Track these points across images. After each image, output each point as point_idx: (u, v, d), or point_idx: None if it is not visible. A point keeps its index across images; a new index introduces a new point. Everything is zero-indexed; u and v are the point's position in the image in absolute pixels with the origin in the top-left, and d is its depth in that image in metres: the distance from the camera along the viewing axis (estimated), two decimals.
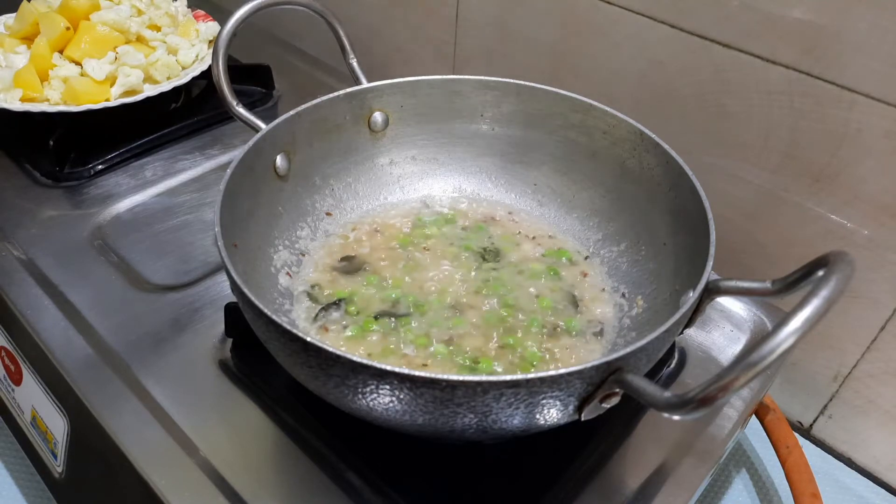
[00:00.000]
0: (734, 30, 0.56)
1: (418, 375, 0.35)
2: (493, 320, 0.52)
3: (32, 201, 0.66)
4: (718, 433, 0.49)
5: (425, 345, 0.50)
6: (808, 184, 0.57)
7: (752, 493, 0.59)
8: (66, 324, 0.53)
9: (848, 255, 0.35)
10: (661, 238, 0.54)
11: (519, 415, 0.37)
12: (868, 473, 0.62)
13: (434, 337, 0.50)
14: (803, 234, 0.59)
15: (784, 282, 0.41)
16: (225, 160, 0.71)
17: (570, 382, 0.36)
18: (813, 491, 0.52)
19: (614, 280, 0.57)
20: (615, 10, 0.63)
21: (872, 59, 0.50)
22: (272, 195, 0.55)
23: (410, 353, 0.49)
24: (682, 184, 0.51)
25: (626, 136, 0.56)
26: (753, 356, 0.31)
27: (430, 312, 0.52)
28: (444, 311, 0.53)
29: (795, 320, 0.31)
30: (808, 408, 0.64)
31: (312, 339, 0.36)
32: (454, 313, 0.53)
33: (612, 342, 0.52)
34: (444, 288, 0.55)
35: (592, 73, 0.68)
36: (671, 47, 0.60)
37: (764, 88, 0.56)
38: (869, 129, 0.52)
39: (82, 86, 0.70)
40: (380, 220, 0.61)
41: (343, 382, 0.37)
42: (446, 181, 0.65)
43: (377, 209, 0.62)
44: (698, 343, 0.56)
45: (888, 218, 0.54)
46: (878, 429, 0.61)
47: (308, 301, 0.54)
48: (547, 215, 0.62)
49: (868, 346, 0.58)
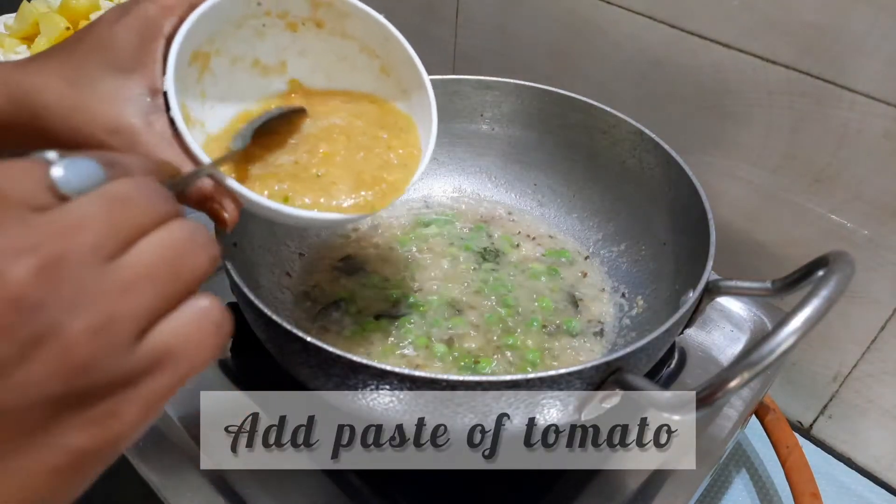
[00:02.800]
0: (734, 30, 0.56)
1: (418, 375, 0.35)
2: (493, 320, 0.52)
3: None
4: (718, 433, 0.49)
5: (425, 345, 0.50)
6: (808, 184, 0.57)
7: (752, 493, 0.59)
8: None
9: (848, 255, 0.35)
10: (661, 238, 0.54)
11: (519, 415, 0.37)
12: (868, 473, 0.62)
13: (434, 337, 0.50)
14: (803, 234, 0.59)
15: (784, 282, 0.41)
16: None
17: (570, 382, 0.36)
18: (813, 491, 0.52)
19: (614, 280, 0.57)
20: (615, 10, 0.63)
21: (872, 59, 0.50)
22: None
23: (410, 353, 0.49)
24: (682, 183, 0.51)
25: (626, 135, 0.56)
26: (753, 356, 0.31)
27: (430, 312, 0.52)
28: (444, 310, 0.53)
29: (795, 320, 0.31)
30: (808, 408, 0.64)
31: (312, 340, 0.36)
32: (454, 313, 0.52)
33: (612, 342, 0.52)
34: (444, 288, 0.55)
35: (592, 73, 0.68)
36: (671, 47, 0.60)
37: (764, 88, 0.56)
38: (869, 129, 0.52)
39: None
40: (380, 220, 0.61)
41: (343, 382, 0.37)
42: (446, 181, 0.65)
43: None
44: (698, 343, 0.56)
45: (888, 218, 0.54)
46: (878, 428, 0.61)
47: (308, 301, 0.54)
48: (547, 215, 0.62)
49: (868, 346, 0.58)
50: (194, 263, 0.22)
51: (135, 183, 0.22)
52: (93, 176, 0.21)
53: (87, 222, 0.20)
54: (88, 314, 0.19)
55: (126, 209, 0.21)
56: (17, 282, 0.18)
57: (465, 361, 0.49)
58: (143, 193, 0.22)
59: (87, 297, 0.19)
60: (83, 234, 0.20)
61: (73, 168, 0.21)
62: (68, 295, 0.19)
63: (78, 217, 0.20)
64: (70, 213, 0.20)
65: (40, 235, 0.19)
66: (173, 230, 0.22)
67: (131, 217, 0.21)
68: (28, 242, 0.19)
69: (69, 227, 0.20)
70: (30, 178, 0.20)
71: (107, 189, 0.21)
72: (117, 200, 0.21)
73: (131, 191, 0.22)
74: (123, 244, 0.21)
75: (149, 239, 0.21)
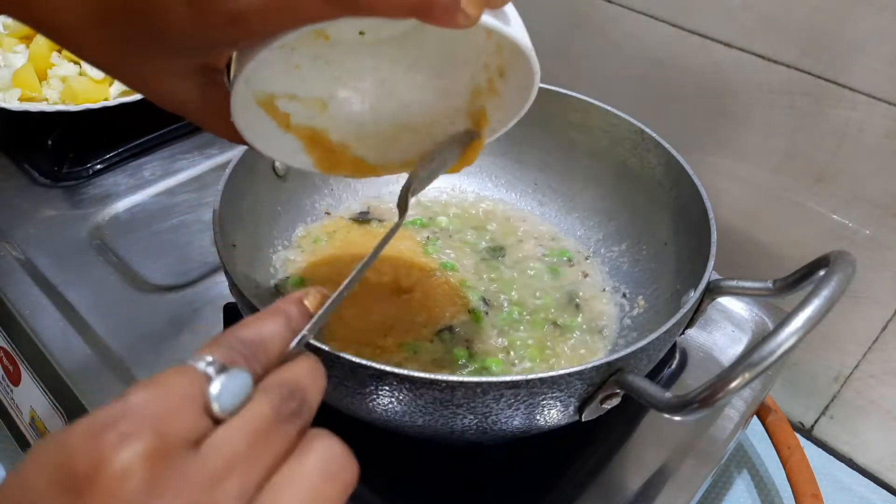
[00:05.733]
0: (735, 29, 0.56)
1: (418, 376, 0.35)
2: (494, 320, 0.52)
3: (31, 201, 0.66)
4: (720, 434, 0.49)
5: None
6: (810, 183, 0.57)
7: (753, 494, 0.59)
8: (64, 324, 0.53)
9: (849, 254, 0.35)
10: (662, 238, 0.54)
11: (519, 416, 0.37)
12: (869, 474, 0.62)
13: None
14: (804, 234, 0.59)
15: (785, 282, 0.41)
16: (224, 160, 0.71)
17: (570, 383, 0.36)
18: (814, 491, 0.51)
19: (615, 280, 0.56)
20: (616, 9, 0.63)
21: (873, 58, 0.50)
22: (271, 195, 0.55)
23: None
24: (683, 183, 0.50)
25: (626, 135, 0.56)
26: (755, 356, 0.31)
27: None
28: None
29: (797, 320, 0.31)
30: (809, 408, 0.64)
31: (312, 340, 0.36)
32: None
33: (613, 342, 0.52)
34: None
35: (592, 73, 0.68)
36: (672, 46, 0.60)
37: (765, 88, 0.56)
38: (870, 129, 0.52)
39: (81, 85, 0.70)
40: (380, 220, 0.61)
41: (343, 383, 0.37)
42: (446, 181, 0.65)
43: (377, 209, 0.62)
44: (699, 343, 0.56)
45: (889, 217, 0.53)
46: (880, 429, 0.61)
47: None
48: (547, 215, 0.62)
49: (869, 346, 0.58)
50: (336, 493, 0.22)
51: (277, 397, 0.22)
52: (245, 388, 0.22)
53: (235, 464, 0.20)
54: None
55: (270, 436, 0.21)
56: None
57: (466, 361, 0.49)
58: (290, 408, 0.22)
59: None
60: (232, 482, 0.20)
61: (230, 385, 0.21)
62: None
63: (228, 458, 0.20)
64: (220, 452, 0.20)
65: (194, 491, 0.19)
66: (308, 461, 0.22)
67: (275, 445, 0.21)
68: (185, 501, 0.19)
69: (220, 473, 0.20)
70: (191, 409, 0.20)
71: (249, 415, 0.21)
72: (260, 428, 0.21)
73: (274, 409, 0.22)
74: (263, 479, 0.21)
75: (286, 473, 0.21)
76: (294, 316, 0.26)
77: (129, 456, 0.19)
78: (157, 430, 0.19)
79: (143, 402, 0.20)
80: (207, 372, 0.21)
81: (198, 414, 0.21)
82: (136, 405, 0.20)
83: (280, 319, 0.25)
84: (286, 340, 0.25)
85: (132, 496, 0.18)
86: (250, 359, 0.23)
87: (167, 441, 0.19)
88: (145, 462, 0.19)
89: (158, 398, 0.20)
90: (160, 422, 0.20)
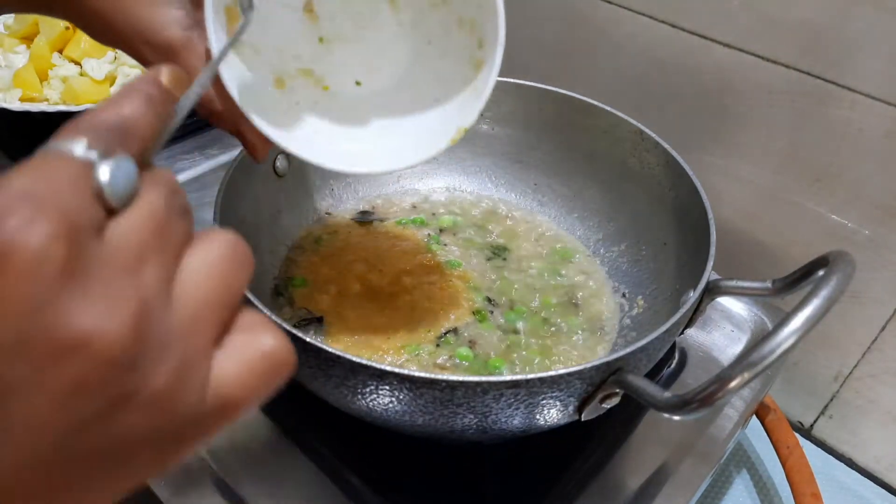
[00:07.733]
0: (735, 29, 0.56)
1: (418, 376, 0.35)
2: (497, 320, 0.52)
3: None
4: (719, 433, 0.49)
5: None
6: (809, 183, 0.57)
7: (752, 494, 0.59)
8: None
9: (848, 254, 0.35)
10: (661, 238, 0.54)
11: (519, 415, 0.37)
12: (869, 474, 0.62)
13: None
14: (804, 234, 0.59)
15: (784, 281, 0.41)
16: (224, 160, 0.71)
17: (570, 383, 0.36)
18: (813, 491, 0.52)
19: (615, 280, 0.56)
20: (616, 10, 0.63)
21: (873, 58, 0.50)
22: (271, 195, 0.55)
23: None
24: (682, 183, 0.51)
25: (626, 135, 0.56)
26: (754, 356, 0.31)
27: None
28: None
29: (796, 320, 0.31)
30: (808, 408, 0.64)
31: (312, 340, 0.36)
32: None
33: (613, 342, 0.52)
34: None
35: (593, 73, 0.68)
36: (672, 47, 0.60)
37: (765, 88, 0.56)
38: (870, 129, 0.52)
39: (82, 85, 0.70)
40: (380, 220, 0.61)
41: (343, 383, 0.37)
42: (446, 181, 0.65)
43: (378, 209, 0.62)
44: (699, 343, 0.56)
45: (889, 218, 0.53)
46: (879, 429, 0.61)
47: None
48: (547, 215, 0.62)
49: (869, 346, 0.58)
50: (239, 281, 0.21)
51: (165, 191, 0.20)
52: (133, 177, 0.19)
53: (146, 254, 0.18)
54: (169, 360, 0.18)
55: (169, 228, 0.19)
56: (114, 342, 0.17)
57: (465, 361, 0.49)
58: (178, 203, 0.20)
59: (165, 342, 0.18)
60: (149, 271, 0.18)
61: (118, 173, 0.19)
62: (154, 344, 0.18)
63: (137, 248, 0.18)
64: (129, 242, 0.18)
65: (119, 282, 0.17)
66: (212, 249, 0.21)
67: (175, 237, 0.20)
68: (114, 293, 0.17)
69: (134, 262, 0.18)
70: (80, 192, 0.18)
71: (146, 206, 0.19)
72: (160, 220, 0.19)
73: (166, 202, 0.20)
74: (174, 271, 0.19)
75: (193, 262, 0.20)
76: (154, 94, 0.22)
77: (39, 239, 0.16)
78: (61, 211, 0.17)
79: (29, 185, 0.17)
80: (89, 157, 0.18)
81: (91, 201, 0.18)
82: (24, 189, 0.17)
83: (138, 98, 0.22)
84: (151, 124, 0.22)
85: (52, 283, 0.16)
86: (124, 145, 0.20)
87: (74, 224, 0.17)
88: (58, 245, 0.16)
89: (46, 181, 0.17)
90: (59, 204, 0.17)
